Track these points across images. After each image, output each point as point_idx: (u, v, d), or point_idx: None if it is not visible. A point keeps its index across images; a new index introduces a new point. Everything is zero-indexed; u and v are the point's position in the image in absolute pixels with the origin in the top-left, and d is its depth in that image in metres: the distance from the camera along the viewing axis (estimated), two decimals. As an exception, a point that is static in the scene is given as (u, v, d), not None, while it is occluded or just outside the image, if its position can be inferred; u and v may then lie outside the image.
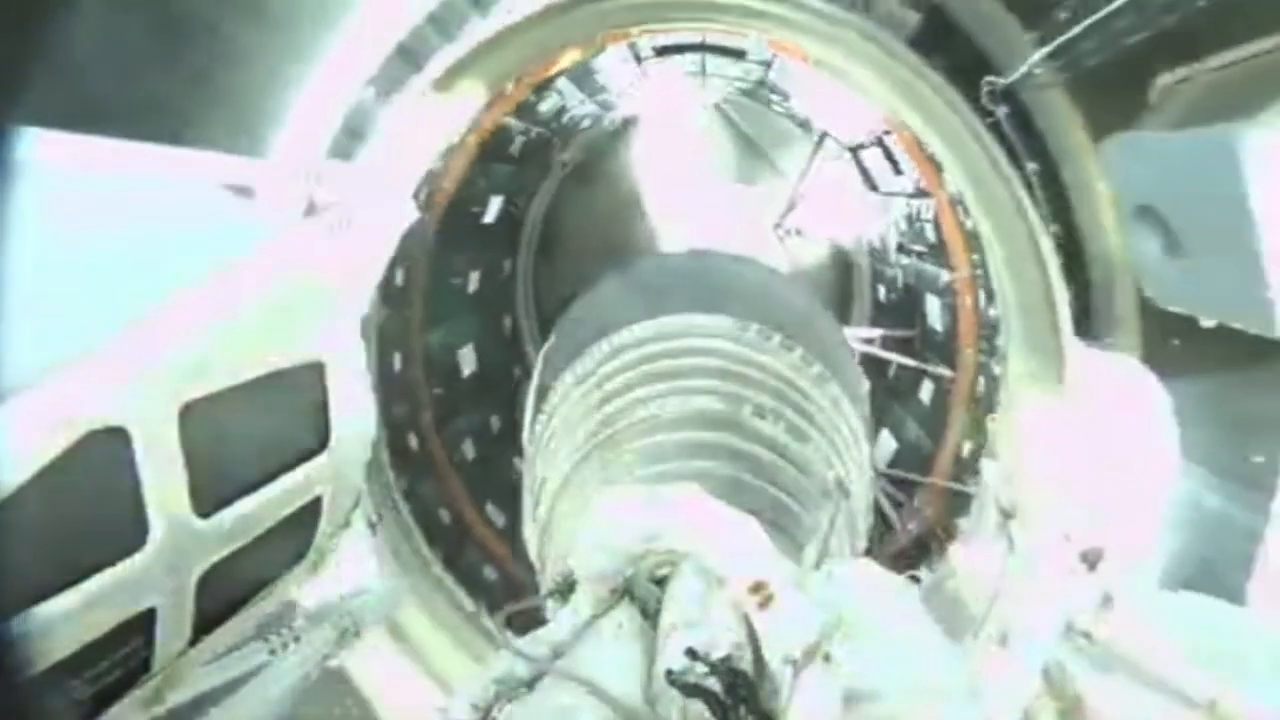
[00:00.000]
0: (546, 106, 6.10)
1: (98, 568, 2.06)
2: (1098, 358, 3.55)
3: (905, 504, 5.82)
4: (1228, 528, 3.15)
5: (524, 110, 5.83)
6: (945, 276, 5.57)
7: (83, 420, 1.86)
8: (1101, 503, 3.22)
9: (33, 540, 1.85)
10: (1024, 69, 3.38)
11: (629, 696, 2.46)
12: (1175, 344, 3.08)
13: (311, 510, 3.11)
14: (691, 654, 2.53)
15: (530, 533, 5.33)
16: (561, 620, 3.19)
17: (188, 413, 2.24)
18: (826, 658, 2.38)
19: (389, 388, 5.62)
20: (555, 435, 5.24)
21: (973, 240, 5.06)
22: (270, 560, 3.05)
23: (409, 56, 4.03)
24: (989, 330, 5.16)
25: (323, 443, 3.02)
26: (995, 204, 4.15)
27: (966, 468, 5.04)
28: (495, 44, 4.35)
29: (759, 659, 2.59)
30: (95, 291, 2.15)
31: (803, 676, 2.39)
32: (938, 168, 5.21)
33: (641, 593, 3.06)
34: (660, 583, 3.02)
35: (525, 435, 5.88)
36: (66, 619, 1.98)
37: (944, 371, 5.68)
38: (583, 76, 6.00)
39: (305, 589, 3.49)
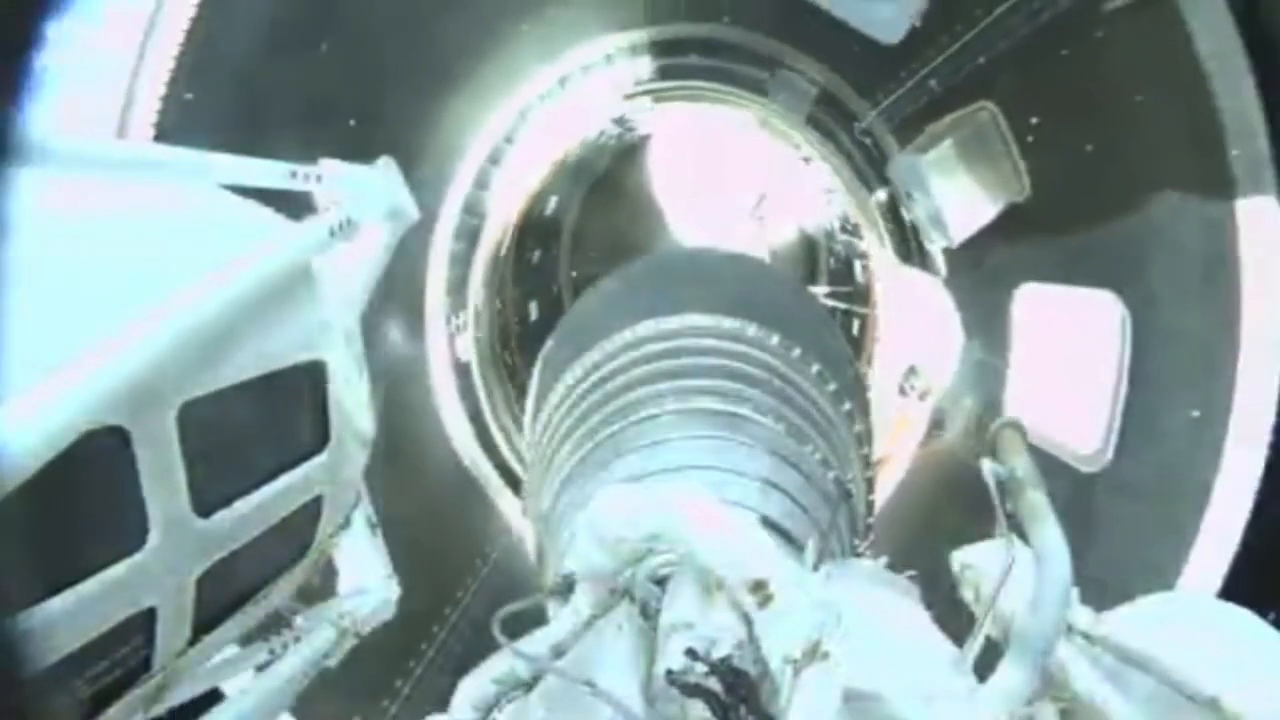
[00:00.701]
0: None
1: (98, 568, 2.06)
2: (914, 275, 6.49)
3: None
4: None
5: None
6: (860, 246, 8.09)
7: (83, 420, 1.86)
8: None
9: (33, 540, 1.85)
10: (866, 121, 6.11)
11: (629, 697, 2.46)
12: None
13: (311, 510, 3.11)
14: (691, 654, 2.53)
15: (530, 530, 5.33)
16: (561, 620, 3.19)
17: (188, 413, 2.24)
18: (826, 657, 2.38)
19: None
20: (555, 434, 5.24)
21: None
22: (270, 560, 3.05)
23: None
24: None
25: (323, 443, 3.02)
26: (866, 204, 6.86)
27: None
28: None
29: (759, 659, 2.59)
30: (95, 291, 2.15)
31: (803, 676, 2.39)
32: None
33: (641, 593, 3.06)
34: (660, 583, 3.02)
35: (526, 434, 5.88)
36: (66, 619, 1.98)
37: (864, 310, 8.29)
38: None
39: (305, 590, 3.50)
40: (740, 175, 9.53)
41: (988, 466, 3.11)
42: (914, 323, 6.58)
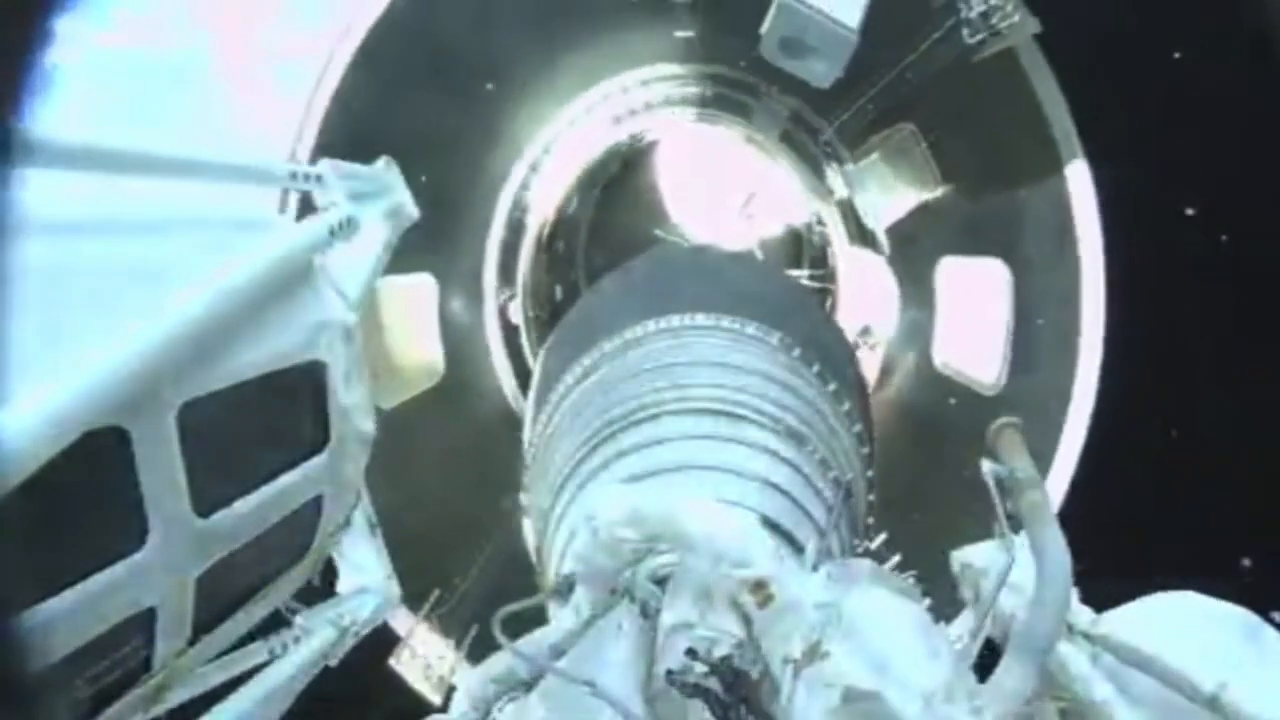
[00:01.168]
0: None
1: (98, 568, 2.06)
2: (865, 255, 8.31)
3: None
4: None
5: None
6: (828, 234, 9.45)
7: (83, 420, 1.86)
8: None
9: (33, 540, 1.85)
10: (825, 136, 7.72)
11: (629, 697, 2.46)
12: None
13: (311, 510, 3.11)
14: (691, 654, 2.53)
15: (530, 529, 5.33)
16: (561, 620, 3.19)
17: (188, 413, 2.24)
18: (826, 657, 2.38)
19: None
20: (556, 433, 5.24)
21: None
22: (270, 560, 3.05)
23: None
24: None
25: (323, 443, 3.02)
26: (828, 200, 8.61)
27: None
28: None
29: (759, 659, 2.59)
30: (95, 291, 2.15)
31: (803, 676, 2.39)
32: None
33: (641, 593, 3.06)
34: (660, 583, 3.02)
35: (526, 433, 5.88)
36: (66, 619, 1.98)
37: (833, 286, 9.49)
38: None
39: (305, 590, 3.50)
40: (731, 179, 11.17)
41: (988, 466, 3.12)
42: (866, 291, 8.50)
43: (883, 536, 5.61)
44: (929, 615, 2.84)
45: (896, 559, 5.67)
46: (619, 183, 11.46)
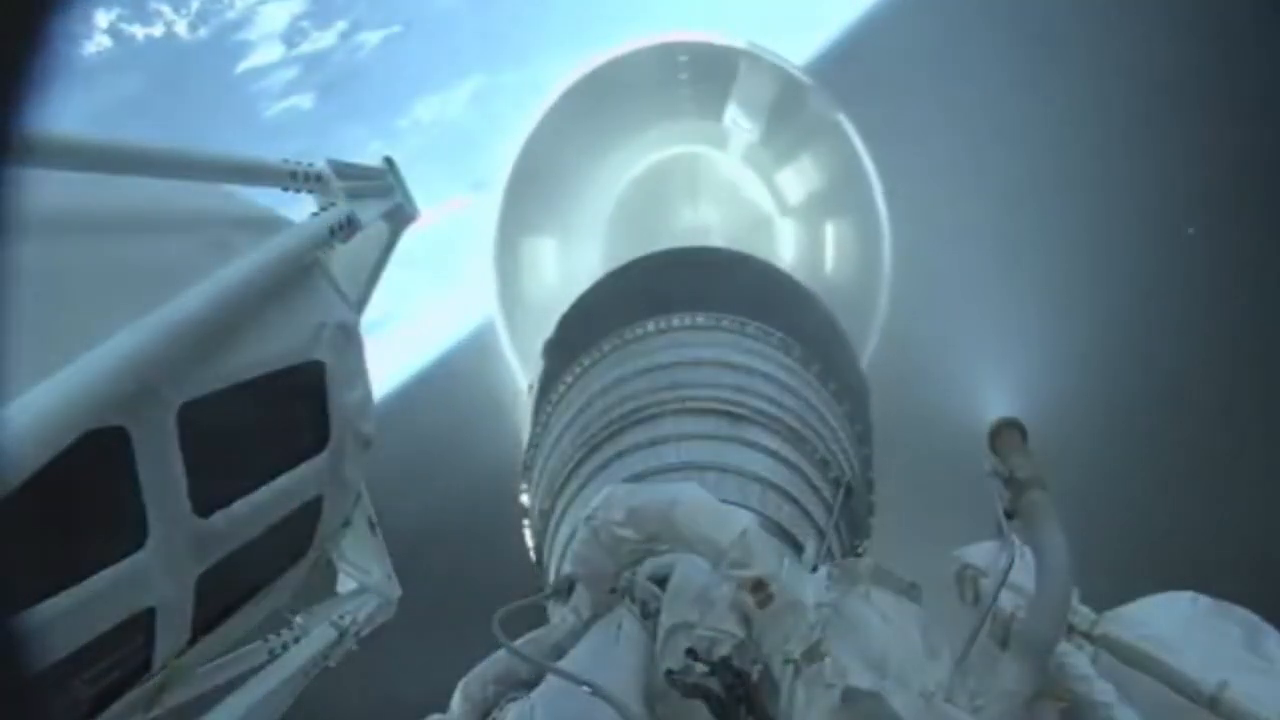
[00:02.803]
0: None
1: (98, 568, 2.06)
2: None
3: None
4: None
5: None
6: None
7: (83, 420, 1.86)
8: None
9: (33, 540, 1.85)
10: None
11: (629, 696, 2.46)
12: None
13: (311, 510, 3.10)
14: (691, 654, 2.53)
15: (530, 527, 5.33)
16: (561, 620, 3.19)
17: (188, 413, 2.23)
18: (826, 657, 2.38)
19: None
20: (556, 432, 5.24)
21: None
22: (270, 560, 3.05)
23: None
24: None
25: (323, 443, 3.02)
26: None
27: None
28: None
29: (759, 659, 2.59)
30: (95, 291, 2.14)
31: (803, 676, 2.39)
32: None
33: (641, 593, 3.06)
34: (660, 583, 3.02)
35: (527, 432, 5.88)
36: (66, 619, 1.97)
37: None
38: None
39: (305, 590, 3.49)
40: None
41: (989, 466, 3.11)
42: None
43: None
44: (928, 615, 2.84)
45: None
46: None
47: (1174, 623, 2.87)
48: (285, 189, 3.19)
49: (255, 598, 3.00)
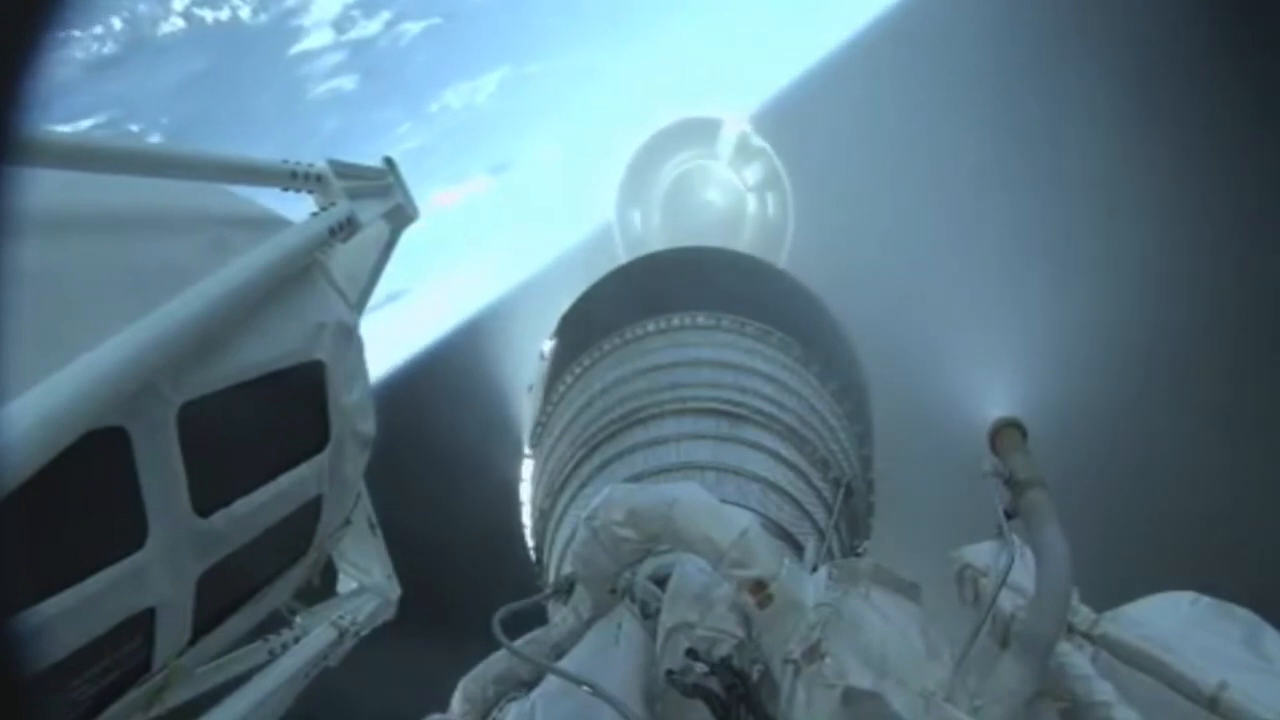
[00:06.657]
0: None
1: (98, 568, 2.06)
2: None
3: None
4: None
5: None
6: None
7: (83, 420, 1.86)
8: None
9: (33, 540, 1.85)
10: None
11: (629, 696, 2.46)
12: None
13: (311, 510, 3.10)
14: (691, 654, 2.53)
15: (530, 526, 5.33)
16: (562, 620, 3.19)
17: (188, 413, 2.23)
18: (826, 657, 2.38)
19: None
20: (556, 431, 5.24)
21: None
22: (270, 560, 3.04)
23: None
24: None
25: (323, 443, 3.02)
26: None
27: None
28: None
29: (759, 659, 2.59)
30: (94, 291, 2.14)
31: (803, 676, 2.39)
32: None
33: (641, 593, 3.06)
34: (660, 583, 3.02)
35: (527, 431, 5.88)
36: (66, 619, 1.97)
37: None
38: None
39: (305, 590, 3.49)
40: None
41: (988, 465, 3.11)
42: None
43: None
44: (927, 615, 2.84)
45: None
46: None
47: (1174, 623, 2.87)
48: (285, 189, 3.19)
49: (255, 597, 3.00)
